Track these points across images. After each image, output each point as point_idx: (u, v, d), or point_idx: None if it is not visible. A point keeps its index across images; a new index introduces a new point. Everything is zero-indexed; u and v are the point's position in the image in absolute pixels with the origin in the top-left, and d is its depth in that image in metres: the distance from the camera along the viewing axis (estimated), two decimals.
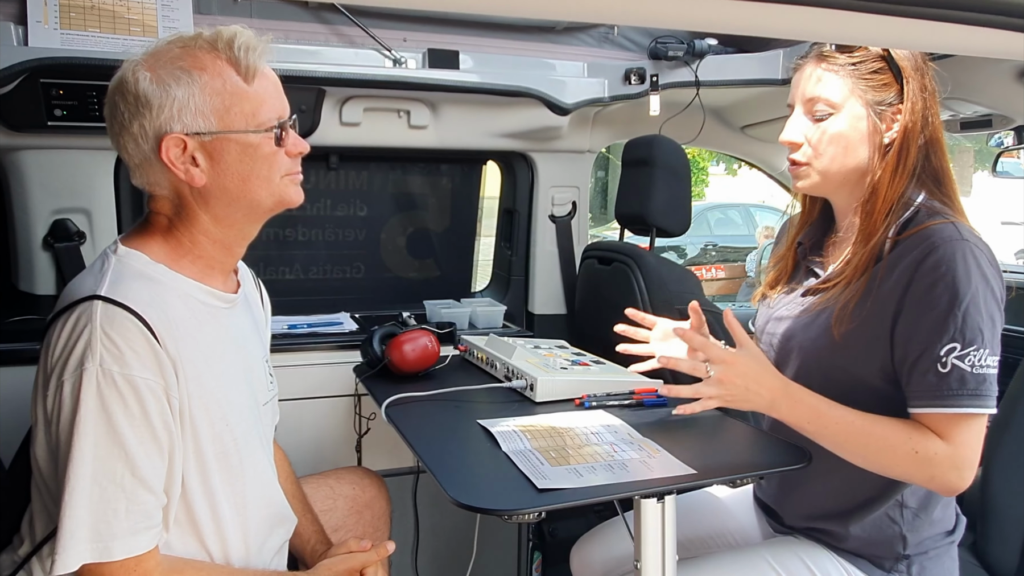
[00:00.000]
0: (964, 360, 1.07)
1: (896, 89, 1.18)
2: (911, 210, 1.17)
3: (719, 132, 2.47)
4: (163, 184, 1.07)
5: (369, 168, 2.24)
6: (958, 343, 1.07)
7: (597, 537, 1.53)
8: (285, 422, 1.46)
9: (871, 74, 1.18)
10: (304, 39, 1.84)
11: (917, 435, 1.10)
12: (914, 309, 1.11)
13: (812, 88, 1.21)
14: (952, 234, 1.10)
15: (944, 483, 1.11)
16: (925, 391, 1.10)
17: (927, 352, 1.09)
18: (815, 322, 1.23)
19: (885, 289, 1.14)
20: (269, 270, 2.21)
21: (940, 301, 1.08)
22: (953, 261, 1.08)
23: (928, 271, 1.09)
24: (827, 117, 1.20)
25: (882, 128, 1.18)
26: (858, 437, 1.13)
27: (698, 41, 2.03)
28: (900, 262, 1.13)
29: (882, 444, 1.11)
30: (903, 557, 1.25)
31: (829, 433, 1.14)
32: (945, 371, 1.08)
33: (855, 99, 1.18)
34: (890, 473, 1.14)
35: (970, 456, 1.10)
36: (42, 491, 1.03)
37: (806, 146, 1.22)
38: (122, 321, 0.96)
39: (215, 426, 1.06)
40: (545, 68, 2.04)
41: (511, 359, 1.62)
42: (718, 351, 1.15)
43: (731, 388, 1.13)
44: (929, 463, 1.09)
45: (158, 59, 1.04)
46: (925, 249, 1.10)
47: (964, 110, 1.96)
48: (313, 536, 1.36)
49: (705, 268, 9.25)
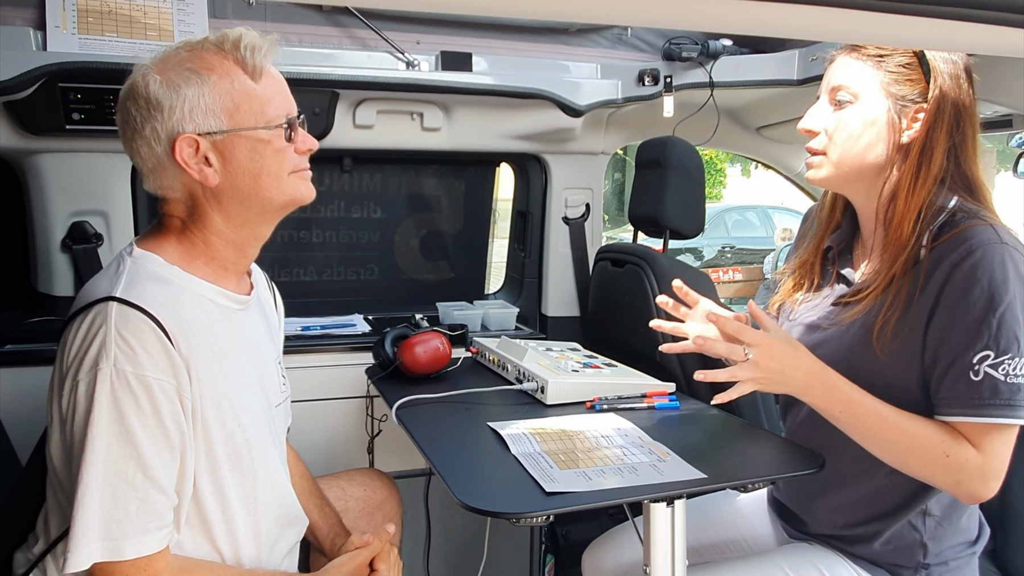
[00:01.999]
0: (997, 369, 1.04)
1: (923, 87, 1.15)
2: (945, 215, 1.13)
3: (734, 133, 2.45)
4: (176, 187, 1.08)
5: (383, 170, 2.25)
6: (992, 351, 1.04)
7: (608, 541, 1.52)
8: (298, 423, 1.47)
9: (898, 68, 1.15)
10: (318, 42, 1.85)
11: (950, 439, 1.08)
12: (948, 313, 1.07)
13: (838, 76, 1.19)
14: (991, 237, 1.07)
15: (969, 490, 1.08)
16: (955, 399, 1.07)
17: (959, 359, 1.06)
18: (849, 333, 1.19)
19: (923, 298, 1.10)
20: (284, 272, 2.22)
21: (975, 306, 1.05)
22: (991, 265, 1.04)
23: (965, 274, 1.06)
24: (847, 105, 1.17)
25: (901, 125, 1.15)
26: (890, 432, 1.10)
27: (712, 42, 2.02)
28: (937, 266, 1.09)
29: (913, 443, 1.09)
30: (922, 566, 1.22)
31: (861, 424, 1.11)
32: (977, 379, 1.05)
33: (878, 90, 1.16)
34: (914, 473, 1.12)
35: (998, 467, 1.07)
36: (57, 490, 1.04)
37: (822, 135, 1.20)
38: (136, 322, 0.97)
39: (227, 427, 1.07)
40: (558, 70, 2.03)
41: (522, 361, 1.61)
42: (753, 334, 1.13)
43: (767, 371, 1.12)
44: (959, 469, 1.07)
45: (167, 63, 1.05)
46: (963, 252, 1.07)
47: (984, 110, 1.93)
48: (332, 529, 1.37)
49: (722, 270, 9.19)
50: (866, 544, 1.25)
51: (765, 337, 1.13)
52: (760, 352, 1.12)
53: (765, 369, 1.12)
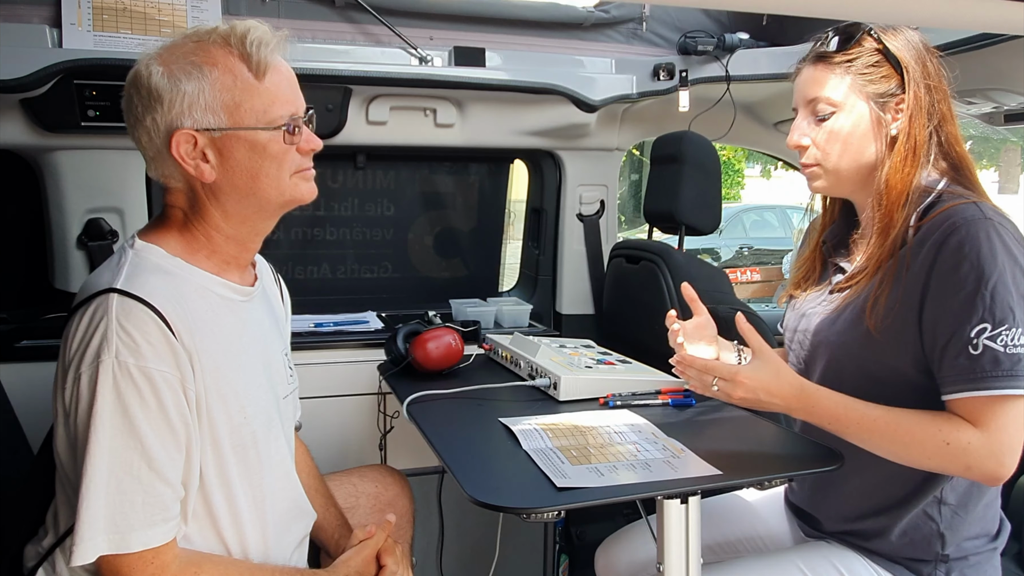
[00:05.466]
0: (996, 340, 1.04)
1: (897, 80, 1.17)
2: (932, 196, 1.15)
3: (751, 128, 2.42)
4: (176, 177, 1.08)
5: (396, 167, 2.25)
6: (988, 323, 1.04)
7: (622, 539, 1.50)
8: (310, 419, 1.46)
9: (869, 68, 1.17)
10: (331, 38, 1.85)
11: (947, 426, 1.07)
12: (940, 292, 1.08)
13: (811, 90, 1.21)
14: (974, 213, 1.08)
15: (983, 472, 1.07)
16: (957, 375, 1.07)
17: (957, 335, 1.06)
18: (841, 317, 1.21)
19: (911, 274, 1.11)
20: (298, 269, 2.22)
21: (966, 281, 1.05)
22: (976, 240, 1.06)
23: (951, 252, 1.07)
24: (830, 116, 1.19)
25: (887, 120, 1.18)
26: (883, 433, 1.10)
27: (728, 35, 2.00)
28: (924, 244, 1.11)
29: (909, 438, 1.09)
30: (941, 559, 1.20)
31: (852, 432, 1.12)
32: (977, 353, 1.05)
33: (855, 95, 1.18)
34: (925, 466, 1.11)
35: (1008, 441, 1.06)
36: (64, 484, 1.04)
37: (812, 148, 1.22)
38: (138, 314, 0.96)
39: (233, 419, 1.06)
40: (572, 65, 2.02)
41: (535, 357, 1.60)
42: (722, 369, 1.15)
43: (740, 400, 1.15)
44: (963, 453, 1.06)
45: (172, 53, 1.05)
46: (947, 230, 1.08)
47: (1008, 101, 1.89)
48: (337, 529, 1.36)
49: (740, 271, 9.10)
50: (881, 538, 1.23)
51: (732, 371, 1.14)
52: (728, 386, 1.14)
53: (737, 400, 1.15)
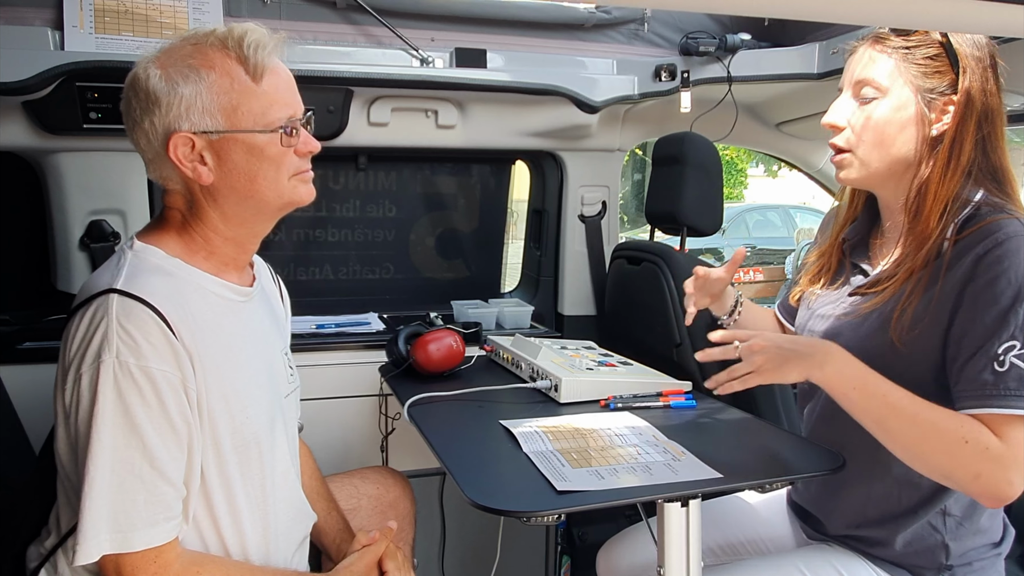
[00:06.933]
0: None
1: (951, 78, 1.12)
2: (971, 208, 1.11)
3: (753, 129, 2.41)
4: (175, 179, 1.09)
5: (398, 168, 2.25)
6: (1018, 341, 1.02)
7: (623, 542, 1.50)
8: (311, 421, 1.46)
9: (925, 59, 1.13)
10: (332, 40, 1.85)
11: (970, 425, 1.04)
12: (973, 305, 1.05)
13: (861, 70, 1.16)
14: (1018, 229, 1.05)
15: (990, 485, 1.03)
16: (979, 389, 1.04)
17: (984, 349, 1.04)
18: (865, 323, 1.18)
19: (945, 288, 1.09)
20: (300, 271, 2.22)
21: (1002, 297, 1.03)
22: (1017, 256, 1.03)
23: (990, 266, 1.04)
24: (872, 100, 1.15)
25: (930, 118, 1.13)
26: (905, 414, 1.06)
27: (730, 36, 1.99)
28: (962, 259, 1.08)
29: (929, 427, 1.05)
30: (945, 568, 1.19)
31: (874, 407, 1.07)
32: (1003, 369, 1.02)
33: (904, 83, 1.13)
34: (932, 465, 1.07)
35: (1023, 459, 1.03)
36: (66, 485, 1.04)
37: (848, 131, 1.18)
38: (138, 314, 0.96)
39: (235, 418, 1.06)
40: (574, 66, 2.01)
41: (536, 359, 1.60)
42: (743, 332, 1.15)
43: (764, 352, 1.11)
44: (980, 457, 1.02)
45: (170, 56, 1.05)
46: (988, 244, 1.05)
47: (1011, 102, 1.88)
48: (339, 534, 1.36)
49: (743, 271, 9.08)
50: (885, 546, 1.22)
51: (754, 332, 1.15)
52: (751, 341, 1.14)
53: (760, 351, 1.12)
